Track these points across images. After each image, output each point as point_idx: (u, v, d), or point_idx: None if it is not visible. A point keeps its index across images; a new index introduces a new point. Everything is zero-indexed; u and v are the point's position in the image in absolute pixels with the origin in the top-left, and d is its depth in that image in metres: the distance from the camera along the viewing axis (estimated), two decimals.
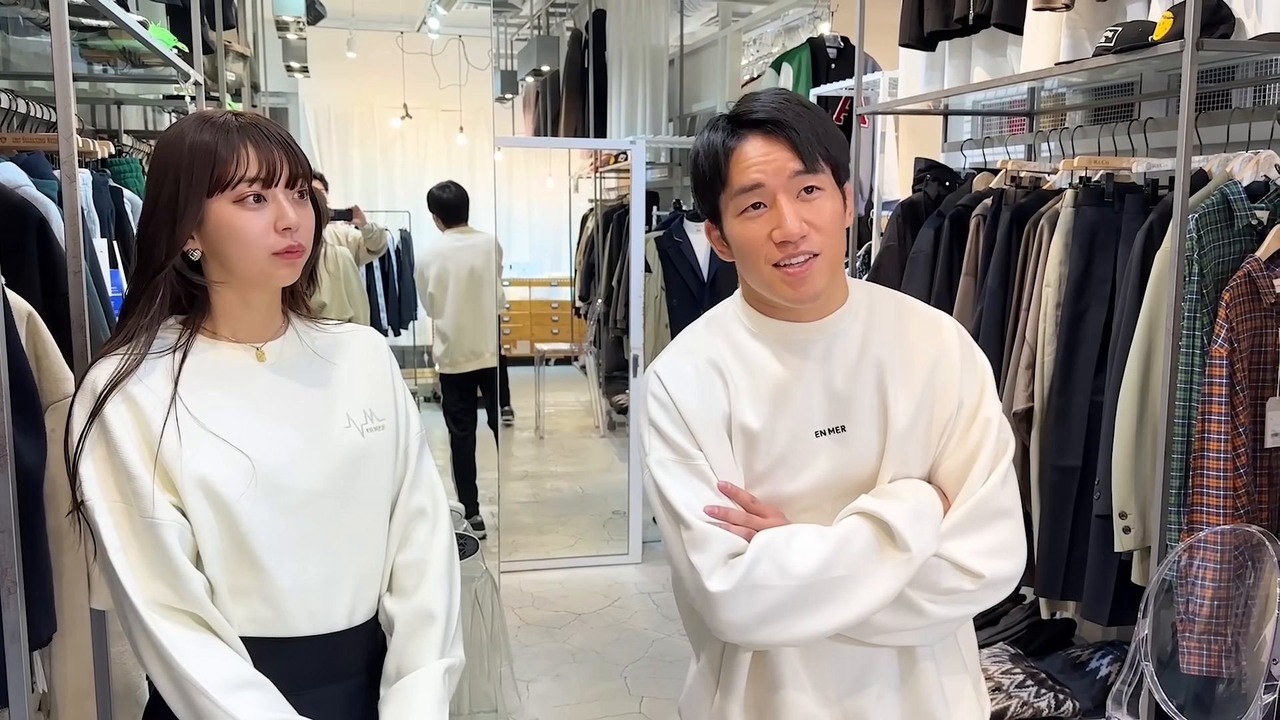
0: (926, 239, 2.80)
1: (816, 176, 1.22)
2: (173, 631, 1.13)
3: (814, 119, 1.24)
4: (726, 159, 1.24)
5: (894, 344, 1.31)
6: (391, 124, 8.82)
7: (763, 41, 6.40)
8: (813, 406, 1.29)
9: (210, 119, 1.21)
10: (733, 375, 1.30)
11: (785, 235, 1.21)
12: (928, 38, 2.82)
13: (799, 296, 1.25)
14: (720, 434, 1.29)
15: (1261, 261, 2.02)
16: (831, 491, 1.29)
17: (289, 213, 1.19)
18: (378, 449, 1.30)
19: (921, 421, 1.29)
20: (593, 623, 3.99)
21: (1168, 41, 1.95)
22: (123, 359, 1.18)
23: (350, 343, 1.35)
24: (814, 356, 1.30)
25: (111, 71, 2.74)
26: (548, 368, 7.93)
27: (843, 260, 1.29)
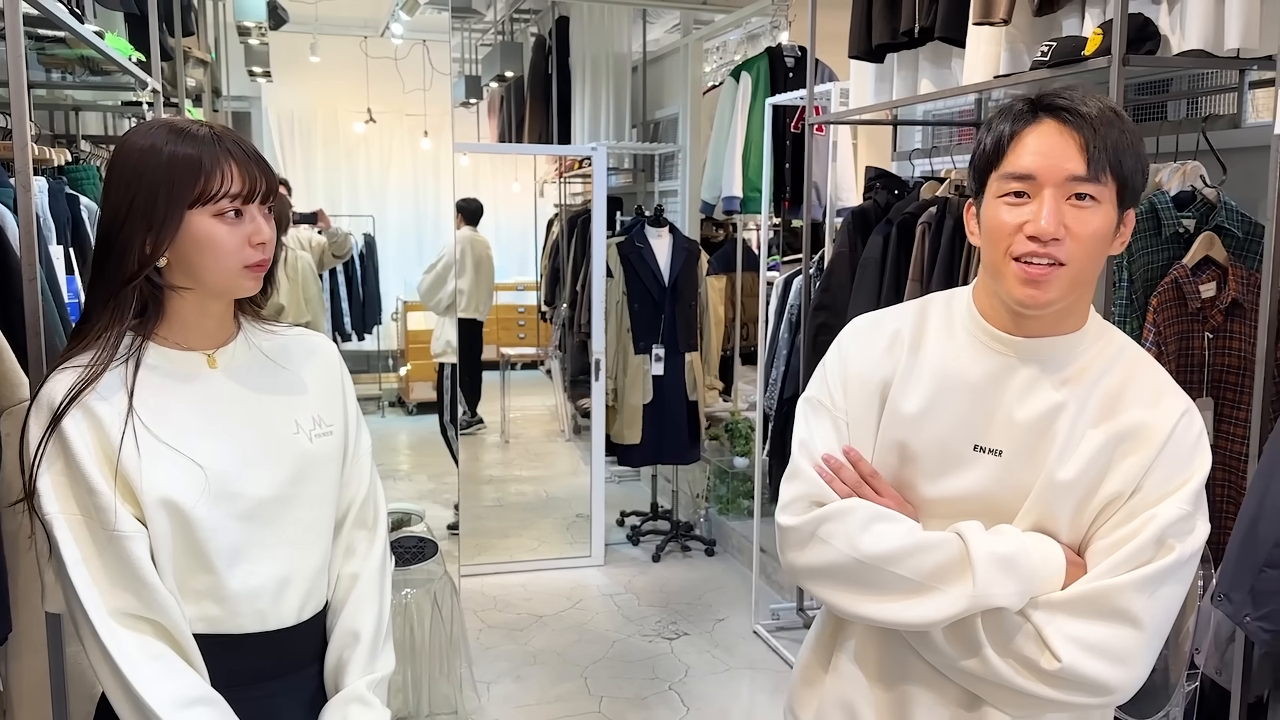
0: (876, 246, 2.87)
1: (1094, 186, 1.13)
2: (129, 644, 1.14)
3: (1119, 129, 1.14)
4: (1010, 139, 1.17)
5: (1098, 392, 1.20)
6: (355, 128, 8.80)
7: (725, 49, 6.48)
8: (982, 418, 1.22)
9: (184, 130, 1.22)
10: (914, 352, 1.27)
11: (1037, 231, 1.13)
12: (876, 50, 2.89)
13: (1026, 299, 1.16)
14: (870, 401, 1.28)
15: (1188, 268, 2.11)
16: (971, 510, 1.22)
17: (264, 228, 1.23)
18: (325, 454, 1.33)
19: (1083, 484, 1.18)
20: (554, 624, 4.03)
21: (1097, 57, 2.03)
22: (81, 371, 1.19)
23: (300, 348, 1.38)
24: (1010, 369, 1.22)
25: (70, 78, 2.74)
26: (513, 372, 7.96)
27: (1089, 286, 1.20)
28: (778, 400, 3.71)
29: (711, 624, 4.02)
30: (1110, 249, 1.18)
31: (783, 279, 3.85)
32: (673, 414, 4.77)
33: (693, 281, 4.80)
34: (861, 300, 2.90)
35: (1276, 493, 1.62)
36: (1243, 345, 2.13)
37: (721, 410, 5.36)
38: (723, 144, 4.74)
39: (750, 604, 4.05)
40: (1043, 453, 1.20)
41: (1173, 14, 2.10)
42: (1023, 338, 1.22)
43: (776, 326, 3.79)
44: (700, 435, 4.91)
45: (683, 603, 4.23)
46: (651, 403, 4.73)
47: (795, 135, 4.32)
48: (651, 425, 4.74)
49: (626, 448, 4.79)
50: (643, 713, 3.31)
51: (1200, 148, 2.29)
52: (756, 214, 4.48)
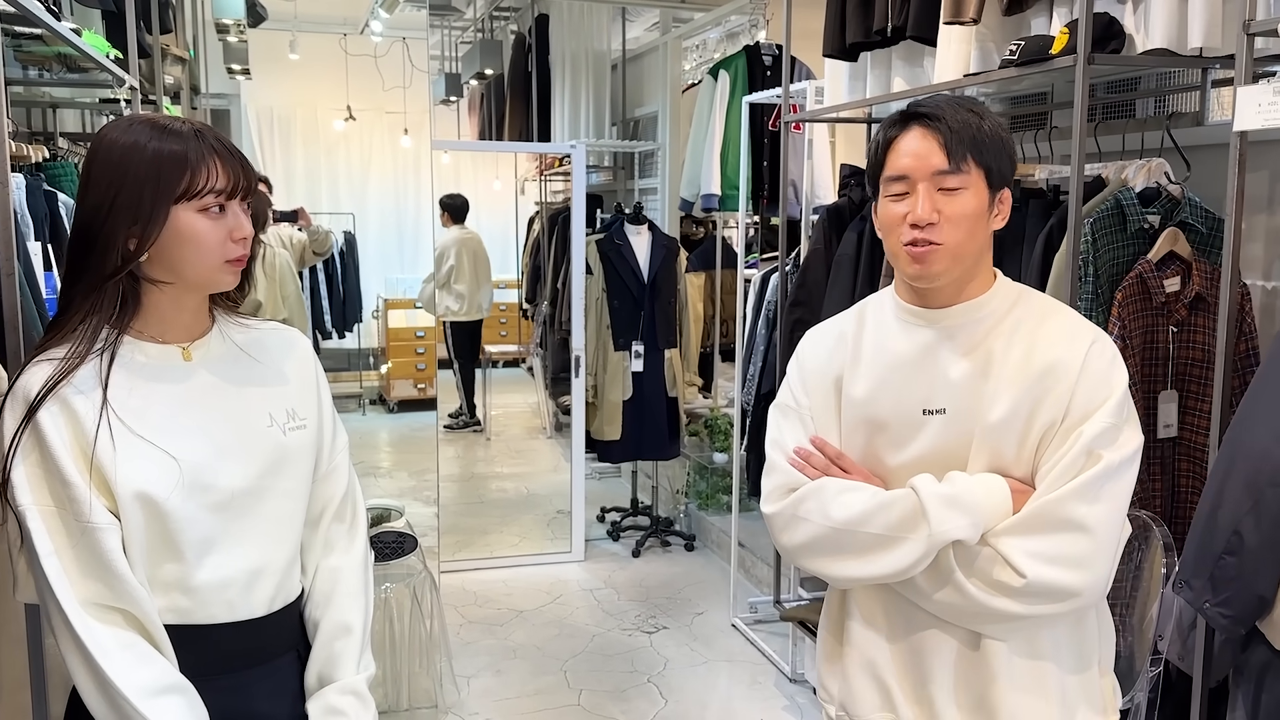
0: (850, 242, 2.91)
1: (958, 176, 1.34)
2: (101, 634, 1.15)
3: (976, 125, 1.35)
4: (886, 147, 1.39)
5: (1016, 341, 1.38)
6: (335, 126, 8.78)
7: (705, 47, 6.50)
8: (924, 385, 1.40)
9: (167, 126, 1.23)
10: (856, 346, 1.47)
11: (915, 219, 1.34)
12: (850, 48, 2.92)
13: (916, 274, 1.37)
14: (828, 395, 1.48)
15: (1152, 263, 2.15)
16: (932, 467, 1.38)
17: (245, 224, 1.25)
18: (299, 447, 1.35)
19: (1019, 420, 1.35)
20: (534, 619, 4.05)
21: (1063, 56, 2.07)
22: (58, 364, 1.20)
23: (274, 342, 1.39)
24: (935, 339, 1.41)
25: (48, 75, 2.74)
26: (496, 370, 7.97)
27: (976, 256, 1.38)
28: (755, 396, 3.74)
29: (690, 618, 4.05)
30: (991, 224, 1.39)
31: (760, 276, 3.89)
32: (652, 410, 4.80)
33: (672, 279, 4.83)
34: (836, 296, 2.93)
35: (1234, 482, 1.66)
36: (1206, 339, 2.17)
37: (701, 406, 5.39)
38: (701, 142, 4.77)
39: (729, 598, 4.09)
40: (977, 402, 1.37)
41: (1137, 13, 2.14)
42: (936, 309, 1.41)
43: (754, 323, 3.83)
44: (680, 431, 4.94)
45: (662, 597, 4.26)
46: (631, 399, 4.76)
47: (773, 133, 4.35)
48: (631, 421, 4.77)
49: (606, 444, 4.82)
50: (622, 705, 3.34)
51: (1165, 145, 2.33)
52: (734, 211, 4.51)
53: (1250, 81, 1.75)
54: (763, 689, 3.43)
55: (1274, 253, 2.33)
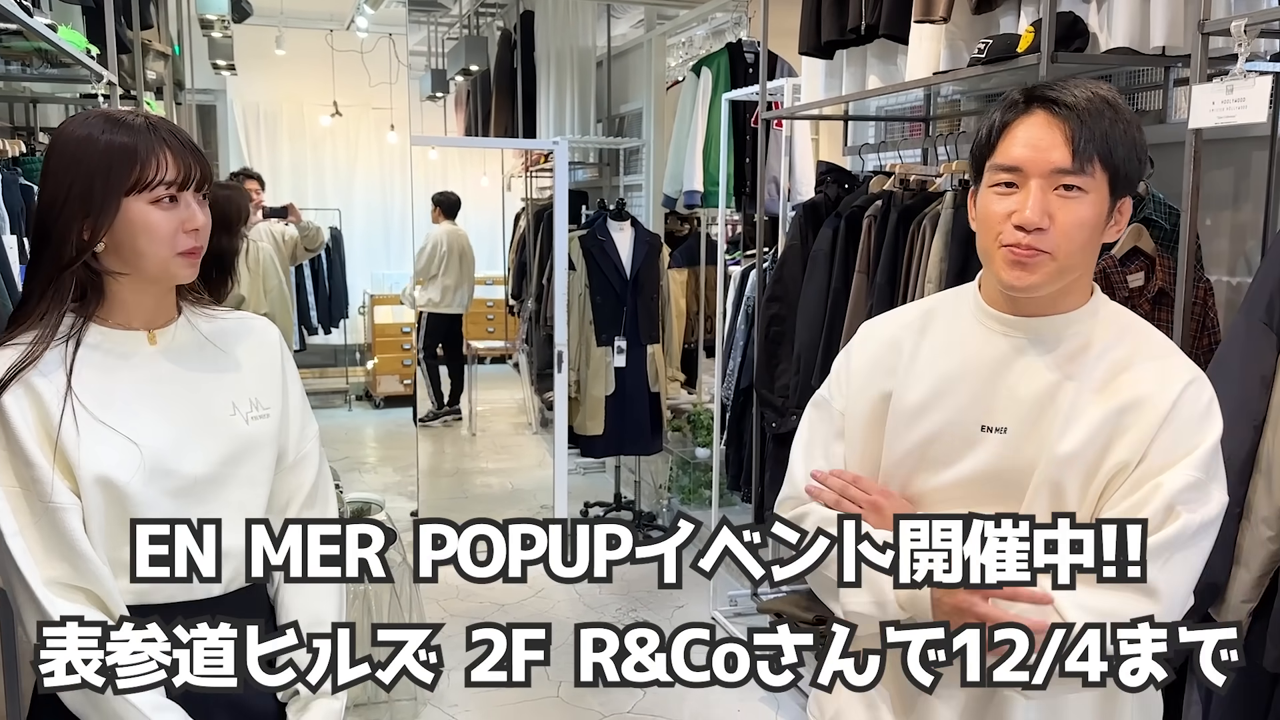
0: (825, 238, 2.94)
1: (1081, 177, 1.15)
2: (65, 608, 1.18)
3: (1109, 119, 1.16)
4: (1000, 130, 1.20)
5: (1102, 369, 1.22)
6: (321, 121, 8.79)
7: (690, 44, 6.53)
8: (986, 398, 1.25)
9: (120, 120, 1.26)
10: (914, 348, 1.32)
11: (1022, 221, 1.16)
12: (825, 46, 2.96)
13: (1013, 280, 1.19)
14: (872, 402, 1.33)
15: (1116, 259, 2.19)
16: (984, 492, 1.24)
17: (197, 215, 1.27)
18: (261, 436, 1.37)
19: (1087, 457, 1.19)
20: (515, 612, 4.08)
21: (1028, 54, 2.11)
22: (23, 350, 1.23)
23: (240, 331, 1.41)
24: (1013, 350, 1.25)
25: (28, 70, 2.76)
26: (482, 366, 7.99)
27: (1081, 270, 1.22)
28: (734, 390, 3.78)
29: (671, 611, 4.09)
30: (1104, 236, 1.21)
31: (740, 272, 3.92)
32: (635, 405, 4.82)
33: (654, 274, 4.85)
34: (812, 292, 2.96)
35: None
36: (1169, 333, 2.21)
37: (684, 402, 5.43)
38: (684, 139, 4.80)
39: (709, 591, 4.12)
40: (1045, 427, 1.21)
41: (1101, 13, 2.18)
42: (1023, 317, 1.24)
43: (734, 319, 3.86)
44: (662, 426, 4.97)
45: (643, 590, 4.29)
46: (614, 394, 4.78)
47: (755, 130, 4.38)
48: (614, 416, 4.80)
49: (589, 439, 4.84)
50: (600, 697, 3.37)
51: None
52: (717, 208, 4.54)
53: (1205, 80, 1.78)
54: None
55: (1238, 248, 2.37)
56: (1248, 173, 2.32)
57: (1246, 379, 1.63)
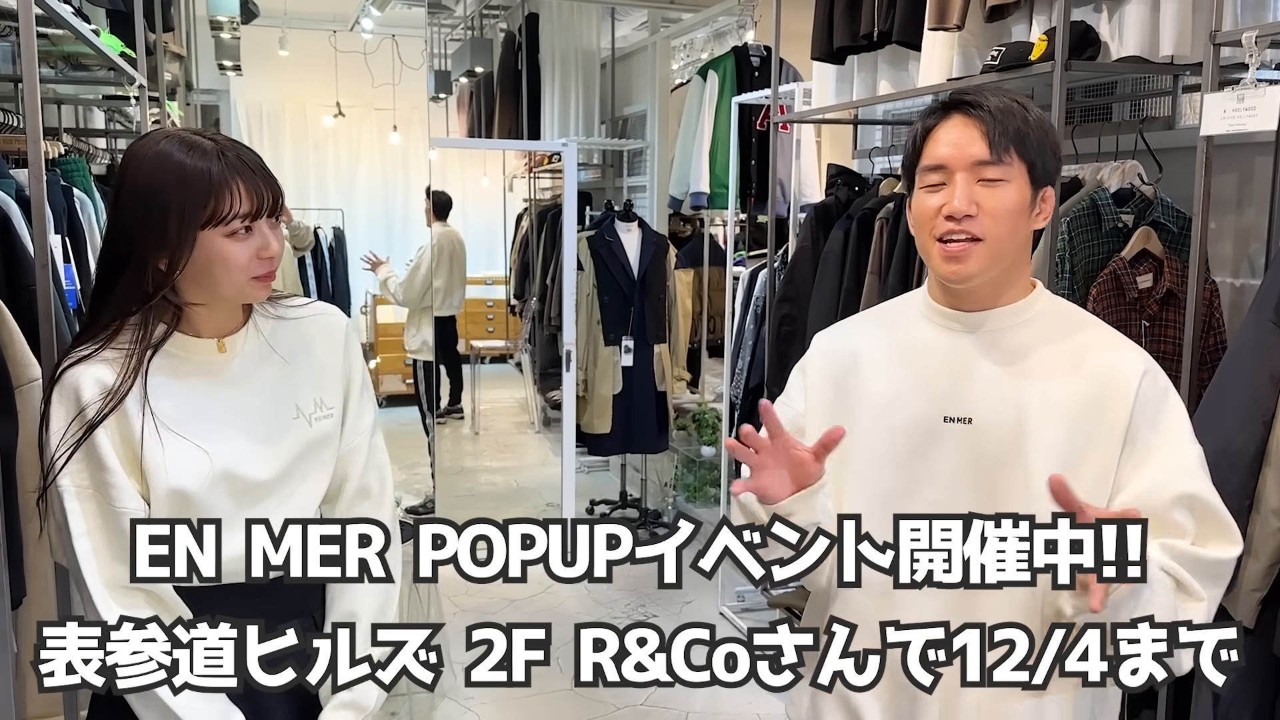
0: (837, 240, 3.00)
1: (1000, 167, 1.24)
2: (121, 610, 1.21)
3: (1021, 117, 1.25)
4: (924, 136, 1.29)
5: (1059, 353, 1.29)
6: (324, 122, 8.82)
7: (692, 47, 6.59)
8: (946, 390, 1.30)
9: (195, 145, 1.24)
10: (873, 348, 1.37)
11: (951, 210, 1.24)
12: (837, 52, 3.02)
13: (951, 274, 1.27)
14: (835, 400, 1.37)
15: (1126, 260, 2.25)
16: (959, 485, 1.28)
17: (272, 242, 1.28)
18: (324, 436, 1.40)
19: (1059, 440, 1.25)
20: (526, 608, 4.13)
21: (1042, 62, 2.17)
22: (112, 369, 1.25)
23: (308, 329, 1.42)
24: (964, 345, 1.31)
25: (53, 73, 2.80)
26: (484, 365, 8.04)
27: (1015, 257, 1.29)
28: (744, 390, 3.84)
29: (680, 606, 4.14)
30: (1032, 223, 1.29)
31: (748, 273, 3.98)
32: (641, 404, 4.88)
33: (661, 275, 4.91)
34: (823, 293, 3.02)
35: None
36: (1177, 333, 2.28)
37: (689, 401, 5.48)
38: (690, 141, 4.86)
39: (717, 587, 4.18)
40: (1010, 415, 1.27)
41: (1112, 23, 2.24)
42: (970, 311, 1.31)
43: (742, 319, 3.92)
44: (668, 425, 5.03)
45: (651, 586, 4.33)
46: (621, 393, 4.84)
47: (760, 133, 4.44)
48: (621, 415, 4.85)
49: (596, 437, 4.90)
50: (612, 690, 3.42)
51: (1139, 147, 2.44)
52: (723, 209, 4.60)
53: (1216, 89, 1.85)
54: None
55: (1243, 251, 2.44)
56: (1252, 177, 2.39)
57: (1257, 376, 1.69)
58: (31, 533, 1.57)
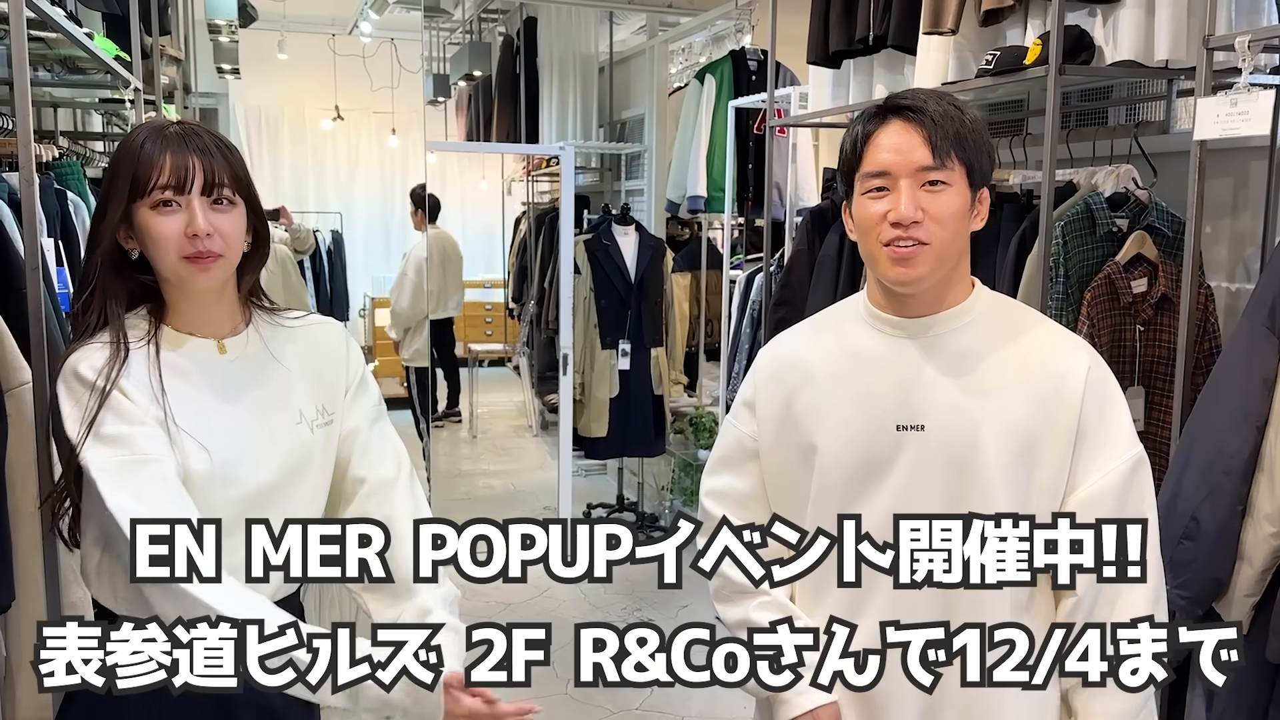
0: (833, 244, 3.00)
1: (943, 172, 1.24)
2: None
3: (959, 121, 1.25)
4: (864, 142, 1.28)
5: (1005, 355, 1.30)
6: (323, 125, 8.84)
7: (690, 51, 6.59)
8: (897, 399, 1.29)
9: (149, 128, 1.29)
10: (808, 365, 1.36)
11: (898, 217, 1.23)
12: (833, 56, 3.02)
13: (899, 277, 1.26)
14: (784, 422, 1.37)
15: (1120, 265, 2.25)
16: (925, 492, 1.28)
17: (198, 219, 1.24)
18: (325, 442, 1.39)
19: (1014, 437, 1.27)
20: (522, 612, 4.13)
21: (1036, 66, 2.17)
22: (106, 349, 1.26)
23: (308, 337, 1.43)
24: (910, 351, 1.31)
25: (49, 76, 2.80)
26: (481, 369, 8.04)
27: (957, 260, 1.30)
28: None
29: (676, 611, 4.14)
30: (971, 225, 1.30)
31: (745, 276, 3.98)
32: (638, 408, 4.88)
33: (658, 278, 4.91)
34: (819, 296, 3.02)
35: (1192, 471, 1.76)
36: (1171, 338, 2.28)
37: (686, 405, 5.48)
38: (687, 145, 4.86)
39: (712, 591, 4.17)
40: (963, 420, 1.27)
41: (1107, 27, 2.24)
42: (915, 317, 1.32)
43: (739, 322, 3.92)
44: (665, 429, 5.02)
45: (649, 591, 4.34)
46: (618, 397, 4.84)
47: (758, 137, 4.44)
48: (618, 419, 4.85)
49: (593, 441, 4.90)
50: (609, 693, 3.42)
51: (1133, 152, 2.44)
52: (720, 213, 4.60)
53: (1210, 93, 1.85)
54: None
55: (1237, 256, 2.44)
56: (1247, 182, 2.39)
57: (1250, 381, 1.69)
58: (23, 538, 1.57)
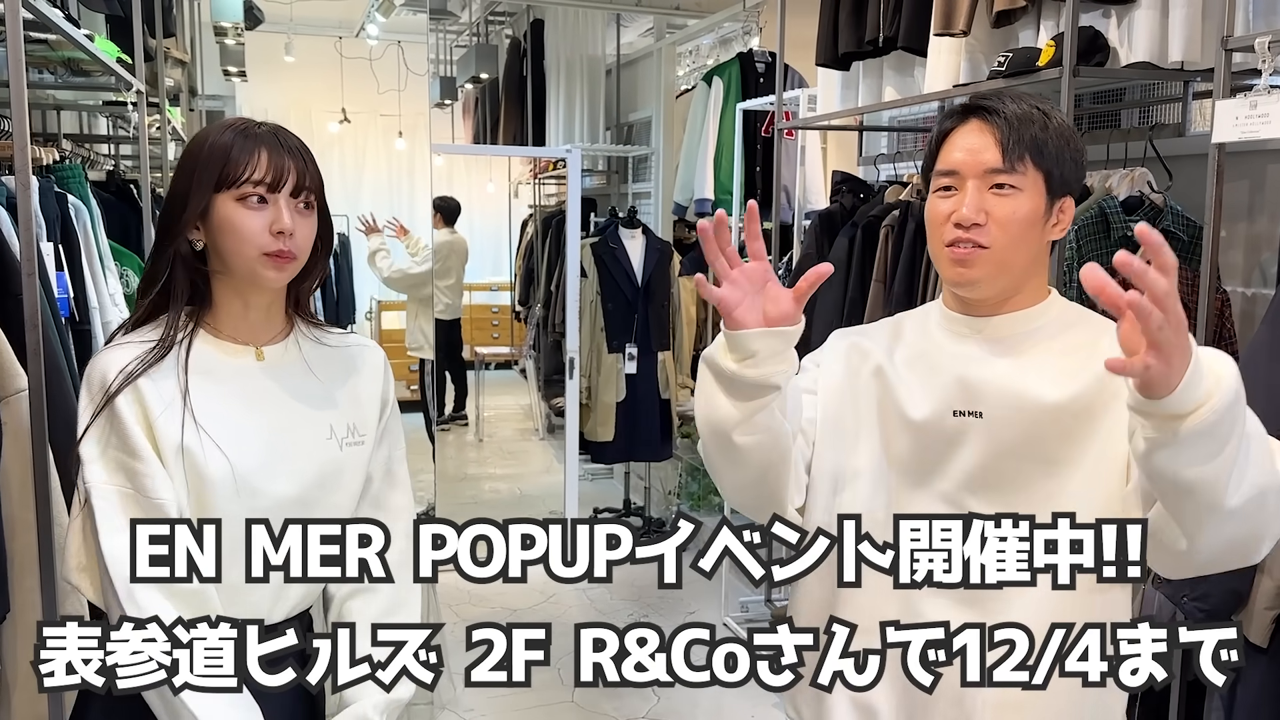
0: (841, 247, 2.97)
1: (1013, 175, 1.22)
2: (151, 604, 1.18)
3: (1040, 125, 1.23)
4: (941, 140, 1.28)
5: (1069, 348, 1.27)
6: (329, 128, 8.82)
7: (698, 53, 6.57)
8: (955, 387, 1.29)
9: (236, 125, 1.28)
10: (889, 349, 1.35)
11: (959, 218, 1.23)
12: (842, 58, 2.99)
13: (956, 278, 1.26)
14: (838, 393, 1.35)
15: None
16: (981, 478, 1.26)
17: (285, 218, 1.25)
18: (352, 463, 1.37)
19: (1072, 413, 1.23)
20: (528, 617, 4.10)
21: (1049, 68, 2.14)
22: (138, 350, 1.25)
23: (349, 357, 1.41)
24: (975, 346, 1.30)
25: (52, 78, 2.79)
26: (488, 371, 8.02)
27: (1027, 267, 1.26)
28: None
29: (683, 616, 4.11)
30: (1047, 234, 1.26)
31: None
32: (645, 412, 4.85)
33: (665, 282, 4.88)
34: (827, 300, 2.99)
35: None
36: None
37: (692, 409, 5.44)
38: (695, 147, 4.83)
39: (720, 597, 4.14)
40: (1020, 406, 1.25)
41: (1121, 28, 2.21)
42: (982, 317, 1.29)
43: None
44: (673, 433, 4.99)
45: (654, 596, 4.31)
46: (625, 401, 4.81)
47: (765, 139, 4.41)
48: (624, 423, 4.82)
49: (600, 445, 4.87)
50: (614, 701, 3.39)
51: (1148, 154, 2.40)
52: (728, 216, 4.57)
53: (1228, 95, 1.81)
54: (753, 687, 3.47)
55: (1253, 260, 2.40)
56: (1263, 185, 2.35)
57: (1273, 384, 1.66)
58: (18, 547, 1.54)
